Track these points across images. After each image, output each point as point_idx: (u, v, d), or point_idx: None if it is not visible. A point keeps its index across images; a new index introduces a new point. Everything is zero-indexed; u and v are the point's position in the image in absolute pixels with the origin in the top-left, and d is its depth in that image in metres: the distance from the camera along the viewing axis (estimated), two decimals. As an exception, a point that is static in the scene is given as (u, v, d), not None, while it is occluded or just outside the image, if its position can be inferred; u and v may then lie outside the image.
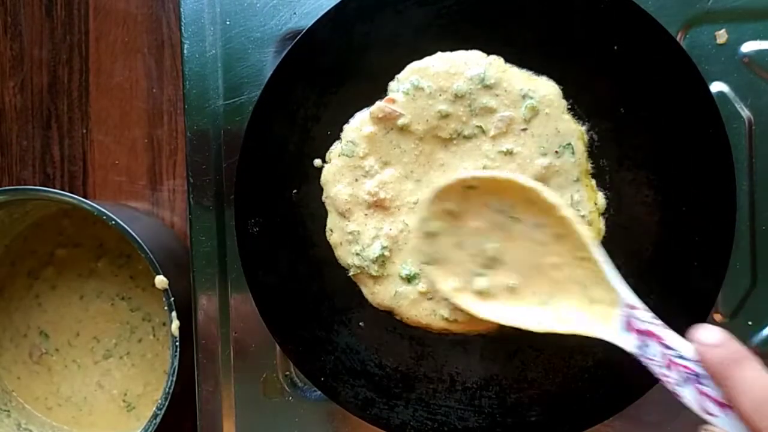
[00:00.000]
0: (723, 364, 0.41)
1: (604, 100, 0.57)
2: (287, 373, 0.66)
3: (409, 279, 0.58)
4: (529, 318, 0.53)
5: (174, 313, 0.62)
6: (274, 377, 0.65)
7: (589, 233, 0.51)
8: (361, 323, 0.61)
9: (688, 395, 0.43)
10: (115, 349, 0.74)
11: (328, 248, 0.60)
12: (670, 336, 0.46)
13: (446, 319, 0.58)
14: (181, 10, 0.66)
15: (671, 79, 0.56)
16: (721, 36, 0.61)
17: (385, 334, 0.61)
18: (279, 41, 0.64)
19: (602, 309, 0.50)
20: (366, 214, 0.58)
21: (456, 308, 0.56)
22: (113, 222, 0.62)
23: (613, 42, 0.56)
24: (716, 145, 0.56)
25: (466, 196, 0.54)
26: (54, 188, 0.73)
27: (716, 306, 0.61)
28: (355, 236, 0.58)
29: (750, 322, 0.62)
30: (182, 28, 0.65)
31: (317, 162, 0.60)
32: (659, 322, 0.47)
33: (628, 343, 0.48)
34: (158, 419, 0.63)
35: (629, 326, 0.48)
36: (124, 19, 0.76)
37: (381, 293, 0.59)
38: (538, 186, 0.52)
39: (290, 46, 0.59)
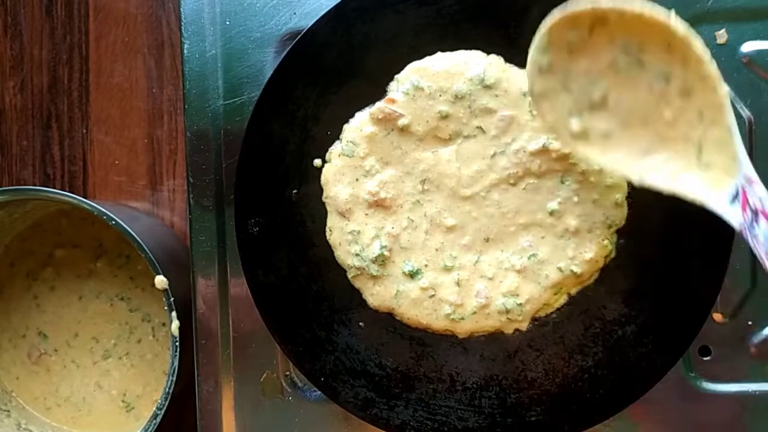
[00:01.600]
0: None
1: (605, 100, 0.57)
2: (287, 373, 0.66)
3: (412, 275, 0.58)
4: (629, 166, 0.49)
5: (174, 313, 0.62)
6: (274, 377, 0.65)
7: (727, 95, 0.45)
8: (361, 323, 0.61)
9: None
10: (114, 350, 0.74)
11: (328, 248, 0.60)
12: None
13: (448, 318, 0.58)
14: (181, 10, 0.66)
15: (671, 79, 0.56)
16: (721, 36, 0.61)
17: (385, 334, 0.61)
18: (279, 41, 0.64)
19: (715, 175, 0.46)
20: (366, 214, 0.58)
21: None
22: (113, 222, 0.62)
23: (613, 42, 0.56)
24: (716, 145, 0.56)
25: (593, 31, 0.49)
26: (54, 188, 0.73)
27: (716, 306, 0.61)
28: (354, 236, 0.58)
29: (750, 322, 0.62)
30: (182, 28, 0.65)
31: (317, 162, 0.60)
32: None
33: (735, 217, 0.45)
34: (158, 419, 0.63)
35: (740, 200, 0.45)
36: (124, 19, 0.76)
37: (381, 294, 0.59)
38: (690, 34, 0.45)
39: (290, 46, 0.59)
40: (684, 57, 0.46)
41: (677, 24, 0.46)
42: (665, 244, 0.57)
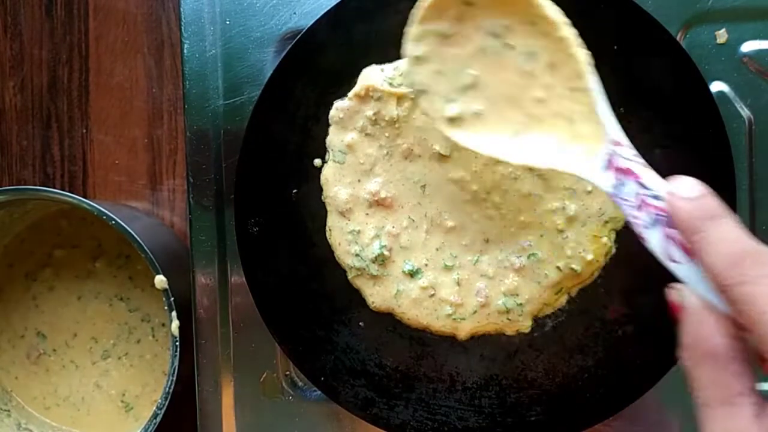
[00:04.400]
0: (696, 218, 0.37)
1: (604, 100, 0.57)
2: (287, 373, 0.66)
3: (412, 274, 0.58)
4: (502, 147, 0.50)
5: (174, 313, 0.62)
6: (274, 377, 0.65)
7: (587, 59, 0.48)
8: (361, 323, 0.61)
9: (654, 238, 0.41)
10: (113, 350, 0.74)
11: (328, 248, 0.60)
12: (649, 175, 0.43)
13: (449, 318, 0.58)
14: (181, 9, 0.66)
15: (671, 79, 0.56)
16: (721, 36, 0.61)
17: (385, 334, 0.61)
18: (279, 41, 0.64)
19: (585, 145, 0.47)
20: (367, 214, 0.58)
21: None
22: (113, 222, 0.61)
23: (613, 42, 0.57)
24: (716, 145, 0.56)
25: (462, 16, 0.50)
26: (54, 188, 0.73)
27: (716, 306, 0.61)
28: (354, 236, 0.58)
29: (750, 322, 0.62)
30: (182, 27, 0.65)
31: (317, 162, 0.60)
32: (642, 160, 0.45)
33: (606, 181, 0.45)
34: (158, 419, 0.63)
35: (610, 164, 0.46)
36: (124, 18, 0.76)
37: (381, 293, 0.59)
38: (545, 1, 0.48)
39: (290, 46, 0.59)
40: (546, 31, 0.48)
41: None
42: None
